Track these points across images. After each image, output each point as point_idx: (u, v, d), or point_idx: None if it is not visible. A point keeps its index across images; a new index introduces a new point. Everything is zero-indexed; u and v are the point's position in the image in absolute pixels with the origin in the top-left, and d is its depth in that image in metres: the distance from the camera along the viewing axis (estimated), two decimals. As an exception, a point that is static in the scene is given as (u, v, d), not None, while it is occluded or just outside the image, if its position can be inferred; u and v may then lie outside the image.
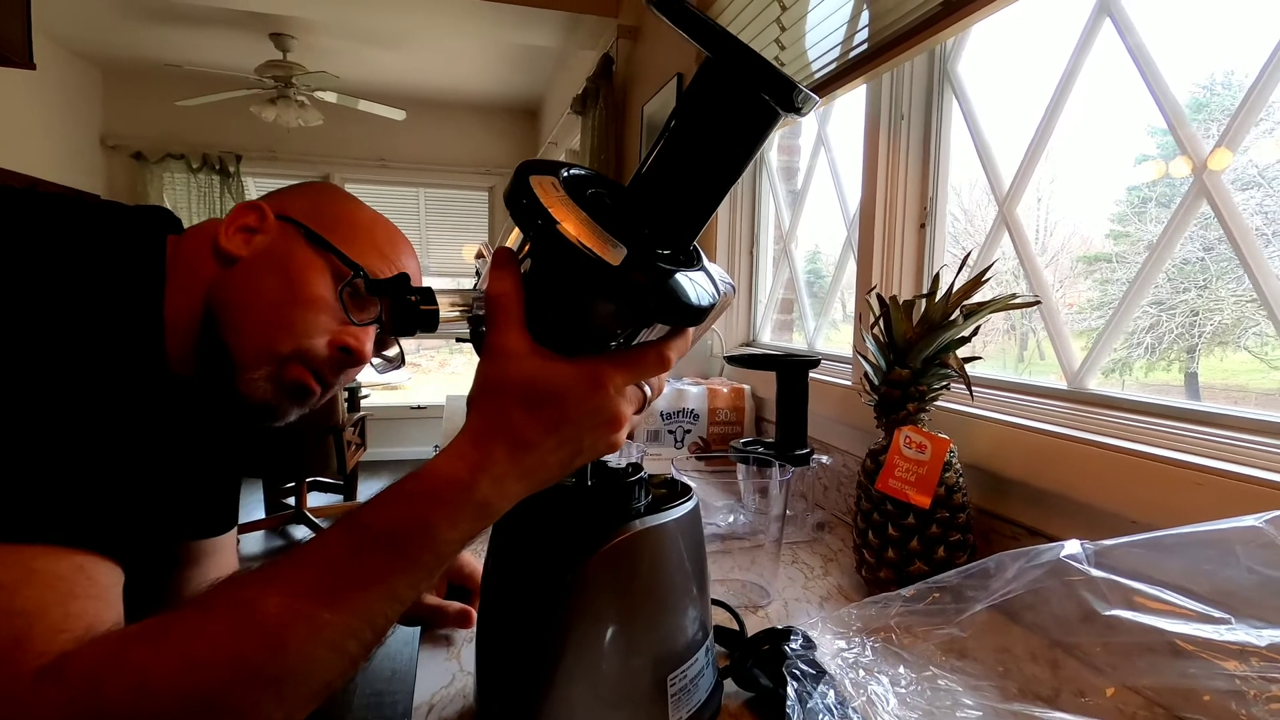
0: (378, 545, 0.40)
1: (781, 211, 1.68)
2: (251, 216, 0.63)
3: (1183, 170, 0.77)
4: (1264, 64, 0.67)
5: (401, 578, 0.40)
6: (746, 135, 0.38)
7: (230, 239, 0.62)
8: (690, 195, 0.40)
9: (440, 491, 0.40)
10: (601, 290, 0.38)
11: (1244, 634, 0.42)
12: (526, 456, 0.40)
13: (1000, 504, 0.82)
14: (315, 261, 0.63)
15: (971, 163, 1.04)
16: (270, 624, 0.38)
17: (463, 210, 5.16)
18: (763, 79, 0.35)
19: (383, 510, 0.40)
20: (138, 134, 4.35)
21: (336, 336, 0.64)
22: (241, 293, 0.61)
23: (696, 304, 0.40)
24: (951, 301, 0.73)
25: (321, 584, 0.39)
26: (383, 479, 4.55)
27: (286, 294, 0.62)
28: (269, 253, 0.63)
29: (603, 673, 0.47)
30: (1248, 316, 0.85)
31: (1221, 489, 0.58)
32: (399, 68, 4.13)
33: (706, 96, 0.38)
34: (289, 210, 0.65)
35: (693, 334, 0.45)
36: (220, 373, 0.61)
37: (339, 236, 0.64)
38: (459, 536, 0.41)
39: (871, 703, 0.51)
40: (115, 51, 3.94)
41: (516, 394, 0.40)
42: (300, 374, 0.63)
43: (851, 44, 1.11)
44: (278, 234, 0.63)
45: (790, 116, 0.38)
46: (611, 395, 0.41)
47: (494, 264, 0.42)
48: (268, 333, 0.61)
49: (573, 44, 3.02)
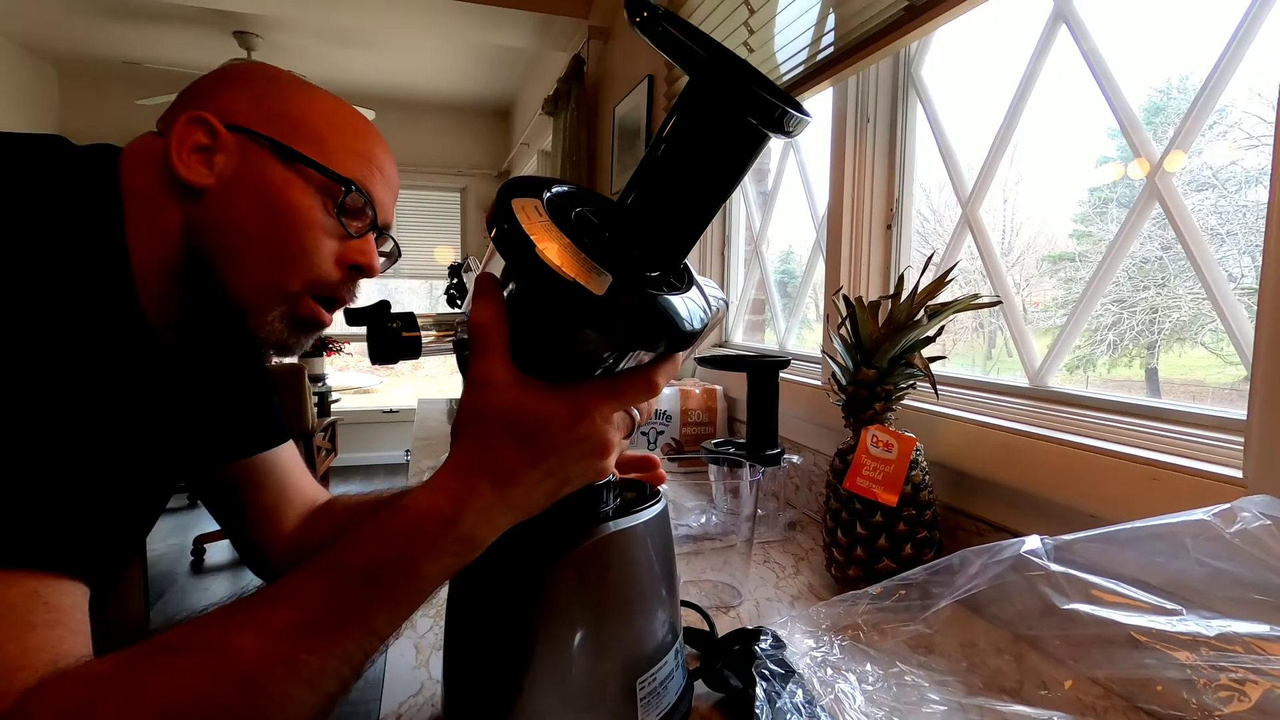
0: (356, 583, 0.39)
1: (752, 212, 1.69)
2: (199, 132, 0.55)
3: (1140, 172, 0.79)
4: (1212, 68, 0.69)
5: (381, 615, 0.39)
6: (734, 157, 0.37)
7: (188, 166, 0.54)
8: (679, 216, 0.39)
9: (422, 527, 0.39)
10: (585, 319, 0.37)
11: (1194, 624, 0.43)
12: (511, 489, 0.40)
13: (965, 501, 0.83)
14: (295, 181, 0.57)
15: (938, 165, 1.06)
16: (247, 668, 0.37)
17: (435, 212, 5.11)
18: (749, 104, 0.34)
19: (362, 547, 0.39)
20: (97, 133, 4.16)
21: (343, 255, 0.60)
22: (228, 233, 0.56)
23: (688, 328, 0.38)
24: (916, 302, 0.75)
25: (299, 624, 0.38)
26: (354, 484, 4.48)
27: (279, 226, 0.56)
28: (240, 179, 0.56)
29: (571, 678, 0.47)
30: (1204, 313, 0.87)
31: (1176, 483, 0.59)
32: (368, 67, 4.07)
33: (693, 118, 0.37)
34: (237, 116, 0.56)
35: (682, 355, 0.44)
36: (225, 317, 0.58)
37: (307, 144, 0.57)
38: (440, 571, 0.40)
39: (839, 701, 0.51)
40: (71, 48, 3.83)
41: (500, 426, 0.39)
42: (312, 308, 0.60)
43: (818, 47, 1.12)
44: (239, 153, 0.56)
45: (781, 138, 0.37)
46: (598, 424, 0.40)
47: (476, 291, 0.41)
48: (273, 272, 0.57)
49: (544, 45, 3.01)
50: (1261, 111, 0.73)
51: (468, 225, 5.14)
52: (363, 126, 0.63)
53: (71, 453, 0.44)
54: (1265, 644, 0.41)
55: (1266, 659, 0.40)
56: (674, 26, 0.34)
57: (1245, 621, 0.42)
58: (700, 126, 0.37)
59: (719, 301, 0.45)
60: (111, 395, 0.48)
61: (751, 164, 0.38)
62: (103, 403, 0.47)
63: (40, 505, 0.42)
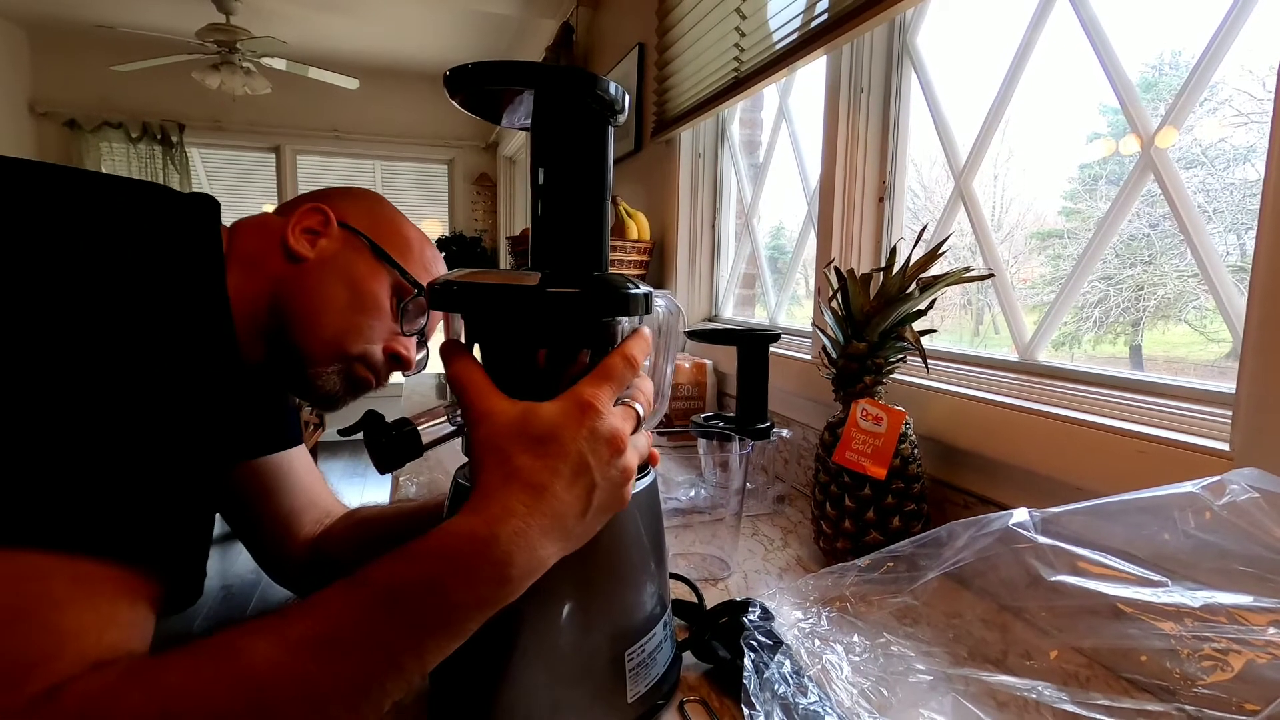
0: (379, 602, 0.37)
1: (743, 185, 1.67)
2: (316, 219, 0.68)
3: (1131, 148, 0.78)
4: (1207, 43, 0.68)
5: (403, 642, 0.37)
6: (590, 146, 0.45)
7: (298, 240, 0.66)
8: (569, 226, 0.46)
9: (452, 548, 0.38)
10: (538, 310, 0.43)
11: (1179, 595, 0.44)
12: (543, 501, 0.39)
13: (954, 474, 0.84)
14: (379, 273, 0.69)
15: (930, 138, 1.05)
16: (256, 675, 0.35)
17: (422, 183, 5.03)
18: (589, 89, 0.43)
19: (389, 566, 0.38)
20: (70, 100, 4.11)
21: (389, 344, 0.71)
22: (313, 295, 0.66)
23: (632, 291, 0.44)
24: (908, 275, 0.74)
25: (314, 637, 0.36)
26: (342, 459, 4.47)
27: (355, 302, 0.68)
28: (336, 260, 0.68)
29: (560, 650, 0.46)
30: (1189, 291, 0.87)
31: (1163, 456, 0.60)
32: (352, 34, 3.97)
33: (550, 123, 0.45)
34: (349, 218, 0.70)
35: (648, 330, 0.48)
36: (288, 362, 0.66)
37: (396, 252, 0.70)
38: (474, 601, 0.38)
39: (826, 671, 0.51)
40: (42, 9, 3.69)
41: (514, 441, 0.40)
42: (365, 373, 0.70)
43: (812, 14, 1.10)
44: (342, 242, 0.69)
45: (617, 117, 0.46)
46: (601, 412, 0.41)
47: (443, 355, 0.45)
48: (340, 336, 0.67)
49: (531, 12, 2.94)
50: (1252, 88, 0.72)
51: (455, 197, 5.07)
52: (435, 255, 0.77)
53: (185, 463, 0.46)
54: (1249, 614, 0.41)
55: (1249, 629, 0.40)
56: (489, 70, 0.42)
57: (1230, 593, 0.42)
58: (557, 128, 0.45)
59: (669, 302, 0.54)
60: (203, 414, 0.49)
61: (609, 151, 0.46)
62: (215, 417, 0.49)
63: (157, 505, 0.43)
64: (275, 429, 0.80)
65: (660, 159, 1.88)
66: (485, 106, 0.47)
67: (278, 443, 0.80)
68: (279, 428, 0.81)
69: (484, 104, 0.47)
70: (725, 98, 1.43)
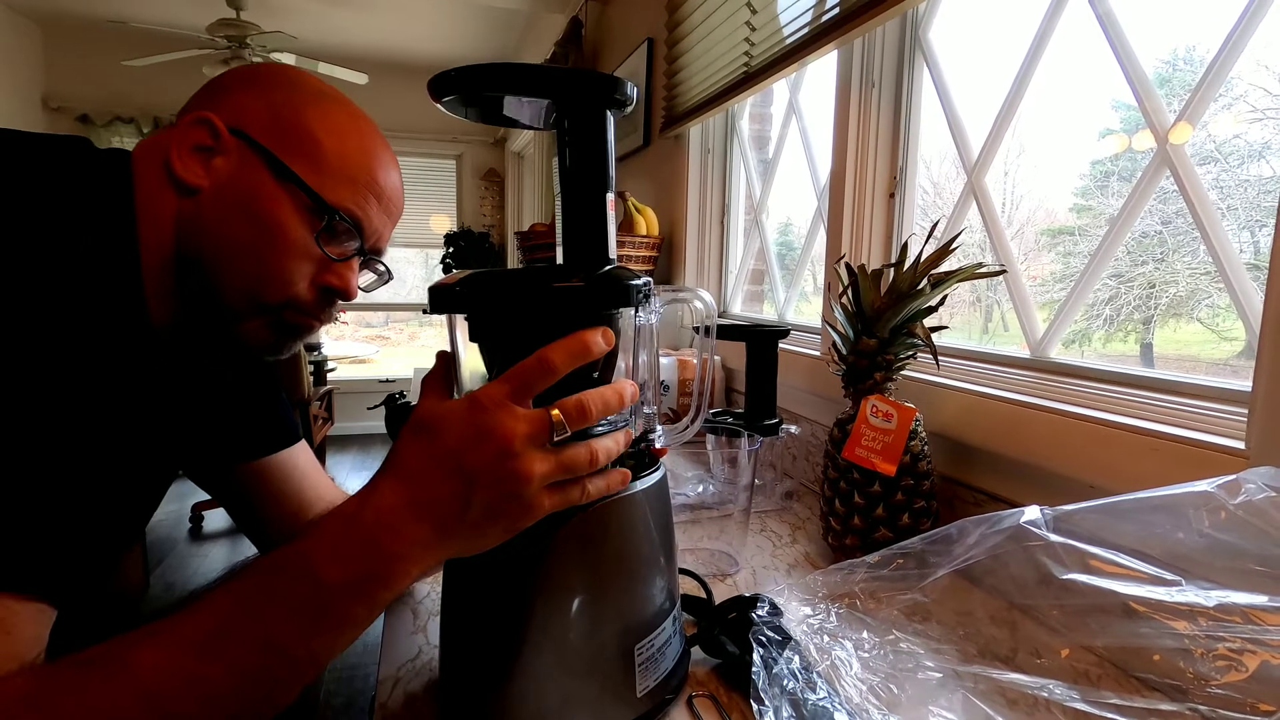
0: (258, 590, 0.38)
1: (753, 181, 1.67)
2: (203, 133, 0.55)
3: (1144, 144, 0.77)
4: (1224, 39, 0.67)
5: (283, 627, 0.37)
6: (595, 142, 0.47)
7: (186, 165, 0.54)
8: (579, 219, 0.48)
9: (324, 527, 0.39)
10: (535, 307, 0.45)
11: (1193, 595, 0.43)
12: (414, 487, 0.39)
13: (964, 471, 0.83)
14: (284, 199, 0.56)
15: (941, 135, 1.04)
16: (145, 684, 0.35)
17: (430, 180, 5.04)
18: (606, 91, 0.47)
19: (269, 555, 0.39)
20: (83, 95, 4.14)
21: (319, 277, 0.59)
22: (215, 237, 0.55)
23: (633, 283, 0.46)
24: (919, 271, 0.74)
25: (198, 636, 0.36)
26: (351, 453, 4.49)
27: (261, 240, 0.56)
28: (233, 187, 0.55)
29: (570, 643, 0.47)
30: (1201, 289, 0.87)
31: (1176, 454, 0.59)
32: (361, 29, 3.97)
33: (576, 124, 0.47)
34: (245, 121, 0.56)
35: (600, 339, 0.43)
36: (205, 320, 0.58)
37: (304, 163, 0.56)
38: (344, 579, 0.37)
39: (835, 667, 0.51)
40: (54, 5, 3.72)
41: (407, 432, 0.41)
42: (297, 318, 0.60)
43: (824, 7, 1.09)
44: (238, 160, 0.56)
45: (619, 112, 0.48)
46: (488, 409, 0.40)
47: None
48: (254, 285, 0.57)
49: (540, 6, 2.94)
50: (1268, 84, 0.71)
51: (463, 193, 5.07)
52: (370, 147, 0.61)
53: (60, 450, 0.44)
54: (1264, 615, 0.41)
55: (1264, 629, 0.40)
56: (494, 75, 0.46)
57: (1244, 592, 0.42)
58: (582, 127, 0.47)
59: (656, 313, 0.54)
60: (107, 390, 0.47)
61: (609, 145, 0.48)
62: (96, 398, 0.46)
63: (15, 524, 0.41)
64: (272, 429, 0.76)
65: (669, 154, 1.87)
66: (484, 107, 0.49)
67: (276, 443, 0.76)
68: (275, 427, 0.77)
69: (482, 104, 0.48)
70: (735, 93, 1.42)
